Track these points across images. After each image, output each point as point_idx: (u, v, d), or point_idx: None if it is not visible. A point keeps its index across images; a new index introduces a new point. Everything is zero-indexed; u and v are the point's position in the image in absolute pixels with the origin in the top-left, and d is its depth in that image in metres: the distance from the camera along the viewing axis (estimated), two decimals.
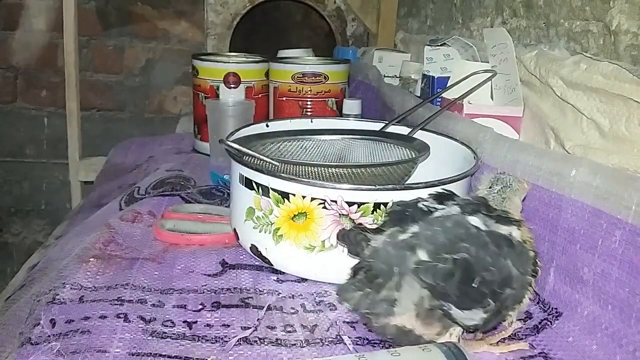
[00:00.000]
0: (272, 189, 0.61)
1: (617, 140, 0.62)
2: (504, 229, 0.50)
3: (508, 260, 0.48)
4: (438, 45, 1.04)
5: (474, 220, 0.50)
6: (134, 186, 0.95)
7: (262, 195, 0.62)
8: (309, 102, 1.16)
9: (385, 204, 0.58)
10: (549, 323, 0.55)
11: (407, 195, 0.57)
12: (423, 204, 0.52)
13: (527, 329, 0.55)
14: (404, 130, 0.83)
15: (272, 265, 0.64)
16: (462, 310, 0.47)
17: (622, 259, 0.49)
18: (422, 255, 0.48)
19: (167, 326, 0.53)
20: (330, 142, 0.81)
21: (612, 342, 0.49)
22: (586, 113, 0.66)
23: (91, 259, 0.64)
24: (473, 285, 0.46)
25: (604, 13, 0.68)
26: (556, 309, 0.56)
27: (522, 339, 0.53)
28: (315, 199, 0.59)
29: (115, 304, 0.56)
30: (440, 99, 0.92)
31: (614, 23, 0.66)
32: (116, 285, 0.60)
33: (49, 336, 0.50)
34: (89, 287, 0.59)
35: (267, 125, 0.83)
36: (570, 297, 0.55)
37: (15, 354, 0.48)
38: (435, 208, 0.52)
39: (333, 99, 1.17)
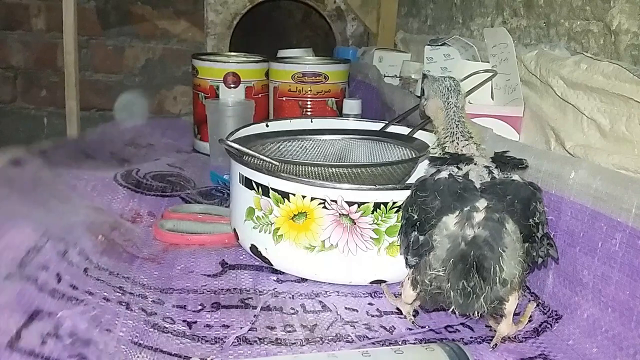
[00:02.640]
0: (272, 188, 0.60)
1: (617, 140, 0.61)
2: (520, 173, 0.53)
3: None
4: (438, 45, 1.03)
5: (517, 177, 0.52)
6: (133, 166, 0.95)
7: (262, 195, 0.62)
8: (309, 102, 1.16)
9: (385, 204, 0.58)
10: (549, 326, 0.55)
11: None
12: (455, 176, 0.51)
13: (527, 331, 0.55)
14: (404, 130, 0.83)
15: (272, 265, 0.64)
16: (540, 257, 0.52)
17: (622, 261, 0.49)
18: (511, 227, 0.49)
19: (167, 322, 0.53)
20: (330, 142, 0.81)
21: (613, 345, 0.49)
22: (587, 113, 0.65)
23: (99, 236, 0.64)
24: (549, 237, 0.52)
25: (605, 13, 0.68)
26: (556, 311, 0.56)
27: (522, 341, 0.53)
28: (315, 198, 0.59)
29: (118, 292, 0.56)
30: None
31: (614, 23, 0.66)
32: (118, 274, 0.60)
33: (53, 289, 0.49)
34: (94, 263, 0.59)
35: (267, 125, 0.83)
36: (570, 299, 0.55)
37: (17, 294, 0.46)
38: (467, 176, 0.51)
39: (333, 99, 1.17)
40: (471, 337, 0.54)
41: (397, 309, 0.58)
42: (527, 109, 0.79)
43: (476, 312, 0.50)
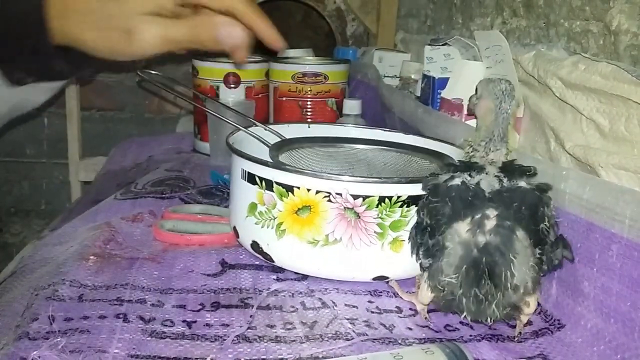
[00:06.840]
0: (276, 182, 0.60)
1: (617, 140, 0.61)
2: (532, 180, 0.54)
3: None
4: (439, 45, 1.03)
5: (523, 183, 0.52)
6: (131, 183, 0.95)
7: (266, 189, 0.61)
8: (308, 102, 1.16)
9: (390, 198, 0.58)
10: (549, 333, 0.55)
11: (414, 189, 0.58)
12: (467, 183, 0.52)
13: (527, 332, 0.55)
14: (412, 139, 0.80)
15: (273, 261, 0.64)
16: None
17: (621, 273, 0.49)
18: (521, 234, 0.50)
19: (166, 326, 0.53)
20: (356, 152, 0.77)
21: (615, 355, 0.49)
22: (585, 113, 0.66)
23: (91, 257, 0.65)
24: (562, 239, 0.53)
25: (604, 13, 0.68)
26: (559, 320, 0.56)
27: (521, 341, 0.54)
28: (320, 191, 0.59)
29: (115, 304, 0.56)
30: (439, 100, 0.93)
31: (614, 23, 0.66)
32: (115, 285, 0.60)
33: (47, 332, 0.50)
34: (89, 286, 0.59)
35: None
36: (573, 309, 0.55)
37: (13, 347, 0.48)
38: (479, 185, 0.52)
39: (333, 99, 1.18)
40: (470, 336, 0.54)
41: (397, 307, 0.58)
42: (527, 109, 0.80)
43: (489, 319, 0.51)
